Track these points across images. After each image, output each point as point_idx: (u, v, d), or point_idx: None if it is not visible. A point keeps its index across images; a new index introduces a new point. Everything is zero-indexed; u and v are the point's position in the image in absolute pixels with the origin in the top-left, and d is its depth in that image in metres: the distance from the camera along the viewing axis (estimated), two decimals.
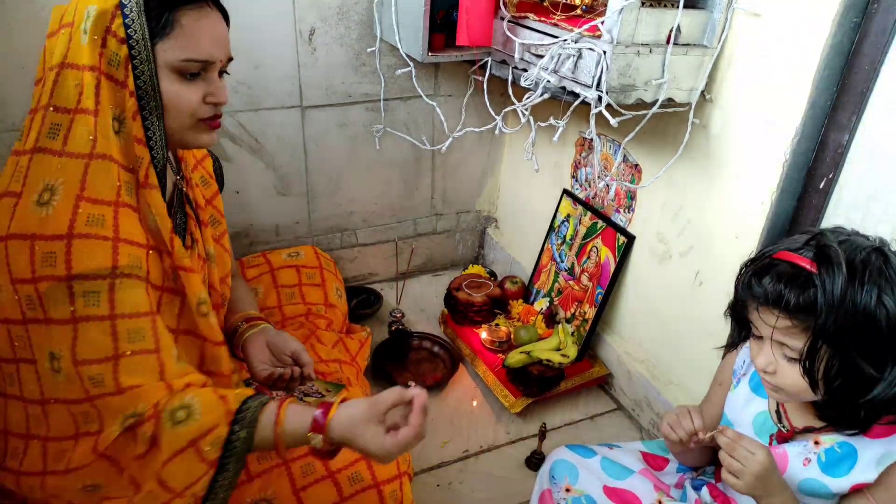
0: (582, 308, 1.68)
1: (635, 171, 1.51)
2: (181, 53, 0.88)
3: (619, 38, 1.09)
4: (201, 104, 0.92)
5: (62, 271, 0.81)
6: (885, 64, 1.04)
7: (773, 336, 0.84)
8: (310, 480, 1.01)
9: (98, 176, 0.85)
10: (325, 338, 1.43)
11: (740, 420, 1.00)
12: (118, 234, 0.85)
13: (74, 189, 0.83)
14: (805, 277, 0.79)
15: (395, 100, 1.79)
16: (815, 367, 0.81)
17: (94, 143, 0.84)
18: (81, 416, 0.86)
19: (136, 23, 0.85)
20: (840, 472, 0.86)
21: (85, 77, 0.84)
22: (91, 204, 0.84)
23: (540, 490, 1.13)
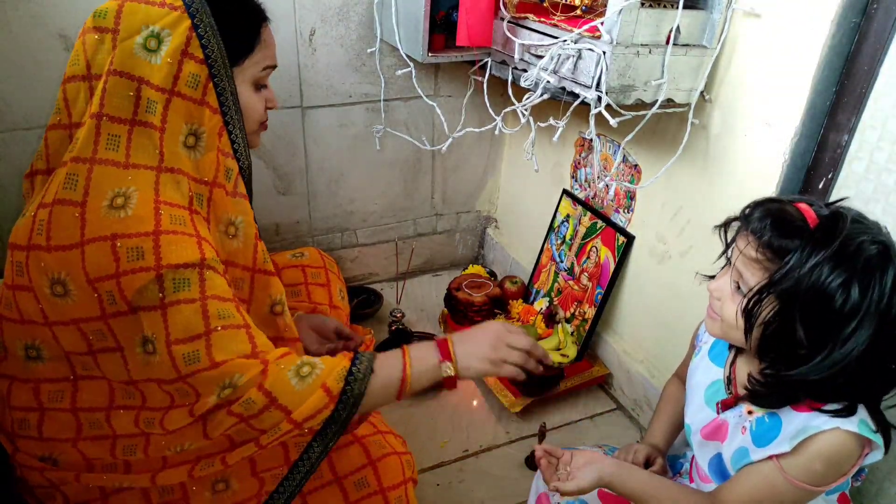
0: (581, 308, 1.68)
1: (635, 172, 1.51)
2: (263, 62, 0.99)
3: (618, 39, 1.09)
4: (264, 111, 1.04)
5: (151, 263, 0.81)
6: (885, 64, 1.04)
7: (737, 264, 0.83)
8: (316, 485, 1.01)
9: (168, 186, 0.86)
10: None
11: (695, 387, 1.02)
12: (199, 234, 0.87)
13: (150, 194, 0.84)
14: (796, 227, 0.78)
15: (396, 100, 1.79)
16: (756, 311, 0.80)
17: (161, 156, 0.86)
18: (176, 392, 0.88)
19: (213, 42, 0.89)
20: (763, 441, 0.86)
21: (149, 93, 0.85)
22: (170, 207, 0.85)
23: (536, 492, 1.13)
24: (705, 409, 0.98)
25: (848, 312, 0.74)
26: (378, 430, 1.12)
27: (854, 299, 0.74)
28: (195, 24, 0.87)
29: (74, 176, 0.84)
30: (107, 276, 0.81)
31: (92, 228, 0.82)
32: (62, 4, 1.34)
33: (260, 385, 0.85)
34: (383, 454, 1.06)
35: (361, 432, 1.09)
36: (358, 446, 1.06)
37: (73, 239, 0.82)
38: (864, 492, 1.13)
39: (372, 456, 1.05)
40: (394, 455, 1.07)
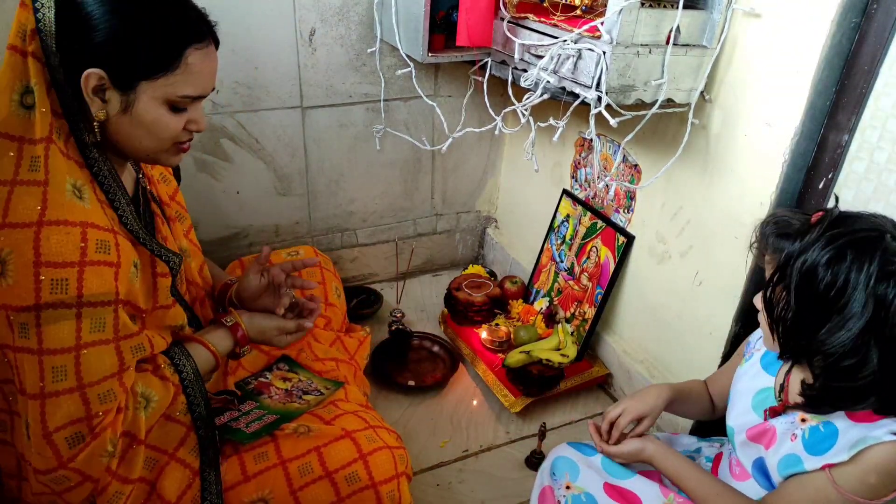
0: (581, 308, 1.68)
1: (635, 172, 1.51)
2: (182, 90, 0.89)
3: (618, 39, 1.09)
4: (182, 131, 0.94)
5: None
6: (885, 64, 1.04)
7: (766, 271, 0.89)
8: (307, 480, 1.01)
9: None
10: (323, 336, 1.43)
11: (742, 391, 1.03)
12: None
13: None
14: (800, 226, 0.84)
15: (396, 100, 1.79)
16: (772, 301, 0.86)
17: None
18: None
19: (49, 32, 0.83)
20: (819, 451, 0.87)
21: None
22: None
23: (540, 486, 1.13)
24: (751, 414, 0.99)
25: (837, 289, 0.78)
26: (369, 425, 1.12)
27: (838, 275, 0.78)
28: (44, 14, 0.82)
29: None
30: None
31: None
32: None
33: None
34: (374, 448, 1.06)
35: (352, 427, 1.09)
36: (348, 440, 1.06)
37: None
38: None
39: (363, 450, 1.05)
40: (385, 449, 1.07)
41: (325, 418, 1.14)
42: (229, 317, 1.14)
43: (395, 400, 1.63)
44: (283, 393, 1.21)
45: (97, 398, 0.86)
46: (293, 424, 1.09)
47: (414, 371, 1.71)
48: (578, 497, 1.05)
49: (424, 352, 1.78)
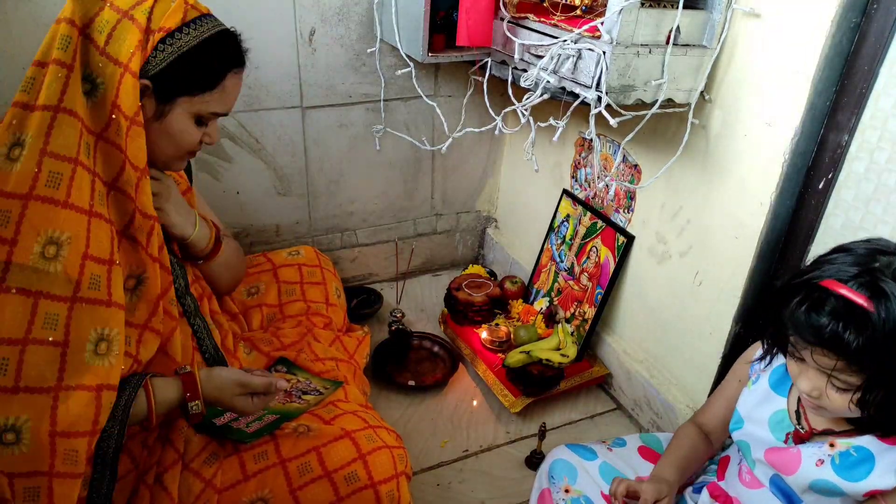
0: (581, 308, 1.68)
1: (635, 172, 1.51)
2: (214, 107, 1.00)
3: (618, 39, 1.09)
4: (197, 143, 1.03)
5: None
6: (885, 64, 1.04)
7: (821, 368, 0.81)
8: (306, 480, 1.01)
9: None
10: (322, 336, 1.43)
11: (754, 416, 0.99)
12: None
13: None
14: (861, 316, 0.75)
15: (396, 100, 1.79)
16: (870, 399, 0.79)
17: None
18: None
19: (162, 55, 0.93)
20: (856, 475, 0.85)
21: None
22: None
23: (539, 489, 1.13)
24: (769, 435, 0.96)
25: None
26: (369, 425, 1.12)
27: None
28: (183, 27, 0.93)
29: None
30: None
31: None
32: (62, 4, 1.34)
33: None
34: (374, 448, 1.06)
35: (352, 427, 1.09)
36: (347, 440, 1.06)
37: None
38: None
39: (362, 450, 1.05)
40: (385, 449, 1.07)
41: (325, 418, 1.14)
42: (184, 366, 1.02)
43: (395, 400, 1.63)
44: (283, 393, 1.20)
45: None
46: (293, 424, 1.09)
47: (414, 371, 1.71)
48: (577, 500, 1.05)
49: (424, 352, 1.78)
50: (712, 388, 1.40)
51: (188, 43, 0.94)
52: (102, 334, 0.86)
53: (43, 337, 0.81)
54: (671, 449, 1.11)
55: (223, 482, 1.01)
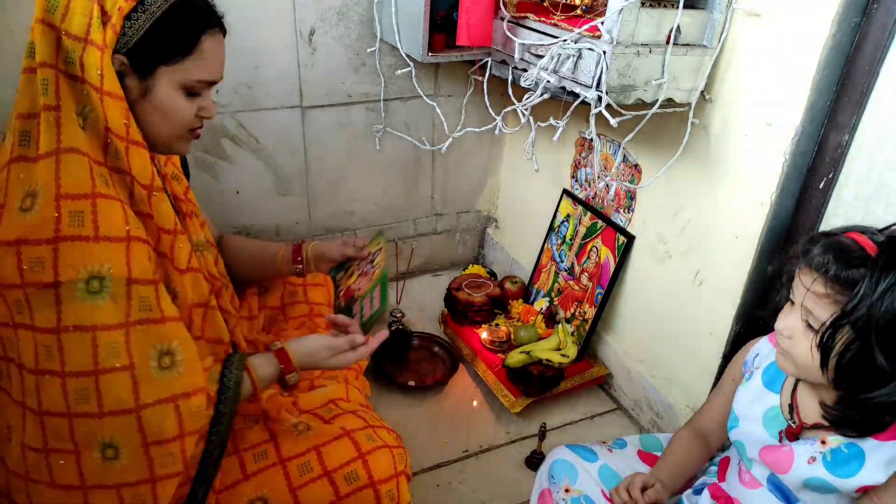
0: (582, 308, 1.68)
1: (635, 171, 1.51)
2: (197, 74, 0.96)
3: (618, 39, 1.09)
4: (194, 117, 1.00)
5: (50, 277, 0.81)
6: (885, 64, 1.04)
7: (804, 300, 0.83)
8: (306, 479, 1.01)
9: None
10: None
11: (749, 414, 1.00)
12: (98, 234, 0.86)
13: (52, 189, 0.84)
14: (858, 256, 0.78)
15: (395, 100, 1.79)
16: (833, 343, 0.80)
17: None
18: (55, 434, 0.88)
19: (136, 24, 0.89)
20: (847, 472, 0.86)
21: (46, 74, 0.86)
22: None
23: (539, 489, 1.13)
24: (763, 433, 0.97)
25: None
26: (369, 424, 1.12)
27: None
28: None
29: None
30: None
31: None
32: None
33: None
34: (373, 447, 1.06)
35: (351, 426, 1.09)
36: (347, 439, 1.06)
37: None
38: None
39: (362, 449, 1.05)
40: (385, 448, 1.07)
41: (325, 417, 1.14)
42: (275, 342, 1.10)
43: (395, 400, 1.63)
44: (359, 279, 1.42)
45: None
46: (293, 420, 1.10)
47: (414, 371, 1.71)
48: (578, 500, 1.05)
49: (424, 352, 1.78)
50: (712, 389, 1.39)
51: (160, 8, 0.90)
52: (163, 349, 0.89)
53: (110, 365, 0.84)
54: (666, 454, 1.13)
55: (222, 482, 1.01)
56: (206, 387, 0.93)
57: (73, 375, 0.83)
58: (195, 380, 0.92)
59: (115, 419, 0.85)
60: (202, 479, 0.97)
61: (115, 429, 0.86)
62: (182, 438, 0.90)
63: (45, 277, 0.81)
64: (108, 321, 0.84)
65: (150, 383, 0.87)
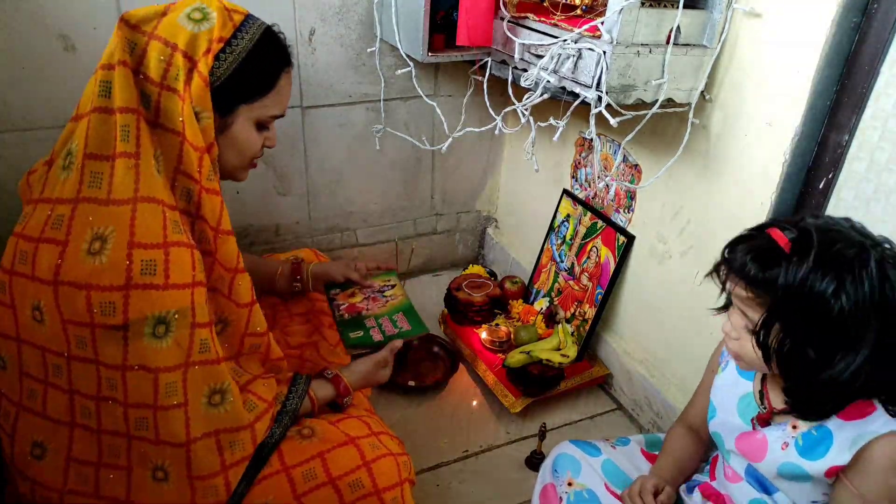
0: (582, 308, 1.68)
1: (635, 172, 1.51)
2: (272, 110, 1.02)
3: (618, 39, 1.09)
4: (260, 148, 1.06)
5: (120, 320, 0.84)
6: (885, 64, 1.04)
7: (736, 304, 0.88)
8: (311, 486, 1.01)
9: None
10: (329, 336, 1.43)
11: (726, 403, 1.02)
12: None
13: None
14: (775, 254, 0.81)
15: (395, 100, 1.79)
16: (769, 341, 0.83)
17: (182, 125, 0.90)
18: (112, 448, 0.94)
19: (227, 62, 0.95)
20: (816, 455, 0.87)
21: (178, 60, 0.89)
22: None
23: (542, 484, 1.13)
24: (737, 420, 0.99)
25: (849, 313, 0.77)
26: (372, 432, 1.11)
27: (850, 300, 0.77)
28: (235, 34, 0.94)
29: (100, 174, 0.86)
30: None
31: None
32: (62, 5, 1.34)
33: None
34: (378, 455, 1.06)
35: (355, 433, 1.09)
36: (352, 447, 1.06)
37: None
38: None
39: (366, 457, 1.05)
40: (389, 456, 1.07)
41: (330, 419, 1.14)
42: (329, 370, 1.19)
43: (395, 400, 1.63)
44: (365, 301, 1.41)
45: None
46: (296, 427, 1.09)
47: (414, 371, 1.71)
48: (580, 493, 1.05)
49: (424, 352, 1.78)
50: None
51: (245, 48, 0.94)
52: (215, 388, 0.94)
53: (168, 403, 0.89)
54: (664, 452, 1.13)
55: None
56: (251, 424, 0.98)
57: (134, 406, 0.89)
58: (241, 417, 0.97)
59: (167, 448, 0.91)
60: (234, 497, 1.00)
61: (166, 456, 0.92)
62: (226, 471, 0.96)
63: (115, 321, 0.84)
64: (169, 363, 0.88)
65: (200, 419, 0.92)
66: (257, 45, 0.96)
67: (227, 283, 1.00)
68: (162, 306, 0.85)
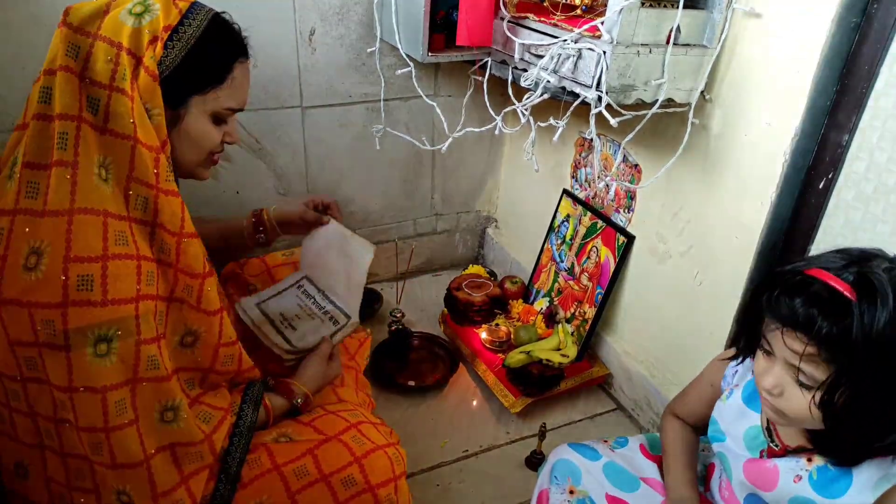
0: (582, 308, 1.68)
1: (635, 172, 1.51)
2: (227, 102, 0.97)
3: (618, 39, 1.09)
4: (219, 143, 1.01)
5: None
6: (885, 64, 1.04)
7: (786, 359, 0.78)
8: (304, 484, 1.00)
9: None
10: None
11: (731, 432, 0.97)
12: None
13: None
14: (843, 305, 0.72)
15: (396, 100, 1.79)
16: (834, 400, 0.75)
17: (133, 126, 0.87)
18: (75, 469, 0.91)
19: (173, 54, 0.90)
20: (834, 492, 0.82)
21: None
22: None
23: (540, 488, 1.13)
24: (745, 452, 0.94)
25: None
26: (351, 424, 1.10)
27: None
28: (182, 20, 0.89)
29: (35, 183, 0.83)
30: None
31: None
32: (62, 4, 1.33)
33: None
34: (368, 450, 1.05)
35: (334, 430, 1.08)
36: (337, 443, 1.05)
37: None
38: None
39: (356, 453, 1.04)
40: (379, 450, 1.06)
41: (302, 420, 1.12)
42: (269, 378, 1.16)
43: (395, 400, 1.63)
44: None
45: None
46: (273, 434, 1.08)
47: (414, 371, 1.71)
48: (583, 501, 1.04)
49: (424, 352, 1.78)
50: None
51: (193, 35, 0.90)
52: (167, 405, 0.91)
53: (119, 422, 0.86)
54: (671, 458, 1.08)
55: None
56: (208, 436, 0.96)
57: (86, 430, 0.86)
58: (195, 433, 0.94)
59: (125, 471, 0.89)
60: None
61: (126, 479, 0.89)
62: (186, 482, 0.94)
63: (57, 340, 0.81)
64: (115, 380, 0.85)
65: (153, 433, 0.90)
66: (206, 31, 0.91)
67: (195, 291, 0.95)
68: (102, 324, 0.82)
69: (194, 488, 0.94)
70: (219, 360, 1.01)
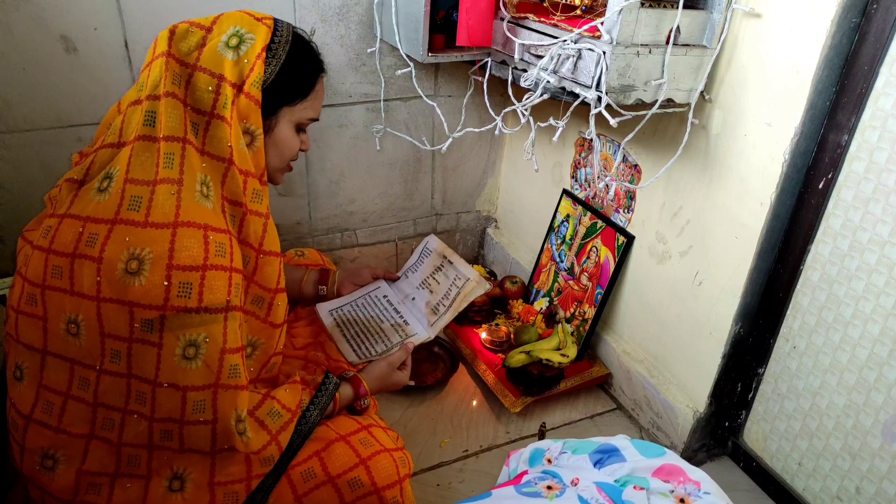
0: (582, 308, 1.68)
1: (635, 172, 1.51)
2: (310, 113, 1.08)
3: (618, 39, 1.09)
4: (297, 150, 1.11)
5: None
6: (885, 64, 1.04)
7: None
8: (310, 486, 1.01)
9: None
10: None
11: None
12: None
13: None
14: None
15: (396, 100, 1.79)
16: None
17: (230, 150, 0.97)
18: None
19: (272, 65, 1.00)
20: None
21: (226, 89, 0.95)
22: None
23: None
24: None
25: None
26: (362, 426, 1.11)
27: None
28: (273, 38, 0.97)
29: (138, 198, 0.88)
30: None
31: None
32: (63, 6, 1.34)
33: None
34: (373, 452, 1.06)
35: (345, 430, 1.09)
36: (344, 444, 1.06)
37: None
38: None
39: (362, 455, 1.05)
40: (384, 452, 1.07)
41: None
42: (347, 371, 1.24)
43: (395, 400, 1.63)
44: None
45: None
46: None
47: (414, 371, 1.71)
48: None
49: (424, 352, 1.78)
50: (712, 389, 1.40)
51: (283, 52, 0.98)
52: (240, 416, 0.95)
53: (195, 419, 0.91)
54: None
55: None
56: (273, 439, 1.00)
57: (160, 421, 0.91)
58: (254, 446, 0.97)
59: (193, 455, 0.94)
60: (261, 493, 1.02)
61: (189, 463, 0.94)
62: (249, 480, 0.98)
63: (151, 338, 0.86)
64: (197, 383, 0.90)
65: (229, 437, 0.94)
66: (293, 48, 1.00)
67: (266, 303, 1.03)
68: (193, 328, 0.87)
69: (254, 485, 0.98)
70: (265, 368, 1.09)
